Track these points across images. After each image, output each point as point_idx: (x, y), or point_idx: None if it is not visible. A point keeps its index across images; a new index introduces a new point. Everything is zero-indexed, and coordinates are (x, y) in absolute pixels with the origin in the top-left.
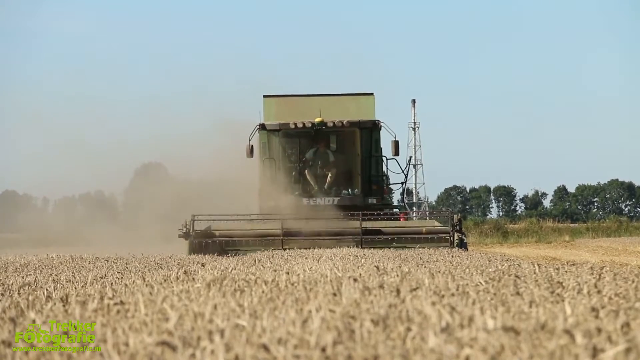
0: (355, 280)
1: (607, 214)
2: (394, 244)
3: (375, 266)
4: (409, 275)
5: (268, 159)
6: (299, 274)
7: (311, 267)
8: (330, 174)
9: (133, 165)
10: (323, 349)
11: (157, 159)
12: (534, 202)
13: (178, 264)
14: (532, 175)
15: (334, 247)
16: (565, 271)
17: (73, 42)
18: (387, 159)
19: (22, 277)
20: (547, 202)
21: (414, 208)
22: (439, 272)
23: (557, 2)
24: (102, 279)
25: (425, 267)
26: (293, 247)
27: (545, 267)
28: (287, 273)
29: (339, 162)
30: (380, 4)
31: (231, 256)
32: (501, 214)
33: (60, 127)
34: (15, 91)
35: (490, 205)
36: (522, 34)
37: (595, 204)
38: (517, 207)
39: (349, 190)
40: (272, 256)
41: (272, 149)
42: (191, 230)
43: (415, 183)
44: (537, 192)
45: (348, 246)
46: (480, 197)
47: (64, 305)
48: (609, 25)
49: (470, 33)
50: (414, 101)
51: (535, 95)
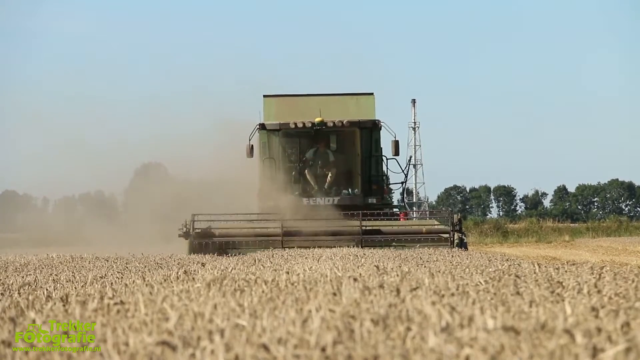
0: (355, 280)
1: (607, 213)
2: (393, 243)
3: (375, 266)
4: (409, 275)
5: (268, 159)
6: (299, 274)
7: (311, 267)
8: (330, 174)
9: (133, 165)
10: (323, 349)
11: (157, 159)
12: (534, 202)
13: (178, 264)
14: (532, 175)
15: (334, 246)
16: (565, 271)
17: (73, 42)
18: (387, 159)
19: (22, 277)
20: (547, 202)
21: (414, 208)
22: (439, 271)
23: (557, 2)
24: (102, 278)
25: (425, 266)
26: (293, 247)
27: (545, 266)
28: (287, 273)
29: (339, 162)
30: (380, 4)
31: (231, 256)
32: (501, 213)
33: (60, 127)
34: (15, 91)
35: (490, 205)
36: (522, 34)
37: (596, 203)
38: (517, 207)
39: (349, 190)
40: (272, 256)
41: (272, 148)
42: (191, 230)
43: (415, 183)
44: (537, 192)
45: (348, 246)
46: (480, 197)
47: (64, 305)
48: (609, 25)
49: (470, 33)
50: (414, 101)
51: (535, 95)
